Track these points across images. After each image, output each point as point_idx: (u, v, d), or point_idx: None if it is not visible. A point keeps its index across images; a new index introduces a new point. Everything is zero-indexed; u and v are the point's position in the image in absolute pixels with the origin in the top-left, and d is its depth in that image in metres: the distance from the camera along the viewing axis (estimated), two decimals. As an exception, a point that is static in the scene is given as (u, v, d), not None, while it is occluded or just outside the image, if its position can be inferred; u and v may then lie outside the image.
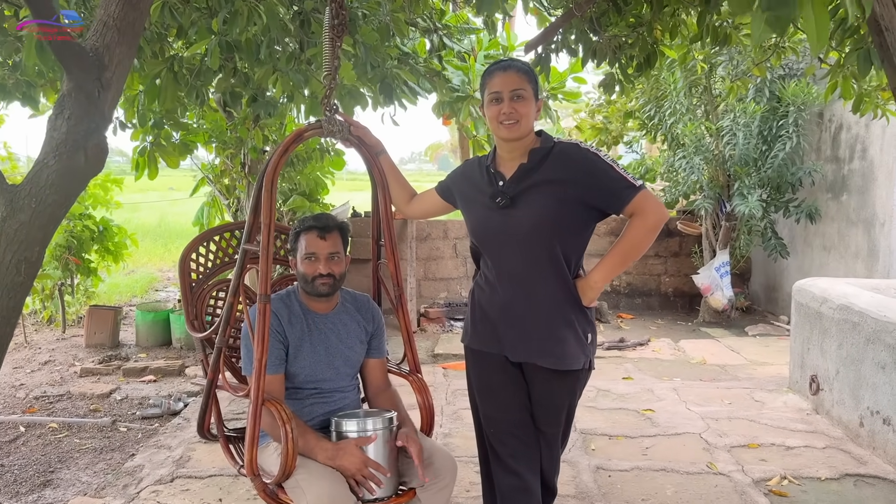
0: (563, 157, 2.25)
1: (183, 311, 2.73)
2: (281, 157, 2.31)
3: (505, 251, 2.29)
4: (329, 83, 2.42)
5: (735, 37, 3.68)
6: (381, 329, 2.59)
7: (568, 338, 2.28)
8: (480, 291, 2.42)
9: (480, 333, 2.40)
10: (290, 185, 8.12)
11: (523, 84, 2.23)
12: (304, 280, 2.39)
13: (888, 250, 5.66)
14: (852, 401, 4.05)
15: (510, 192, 2.27)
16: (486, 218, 2.32)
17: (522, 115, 2.22)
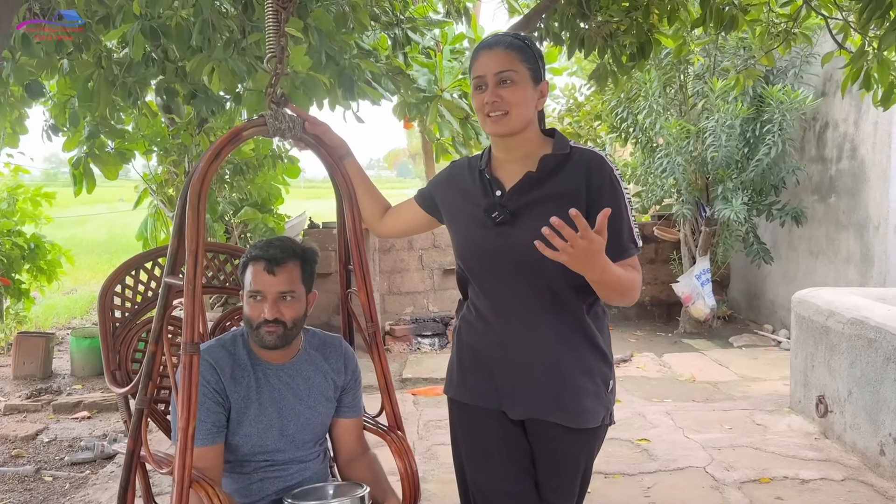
0: (582, 169, 1.76)
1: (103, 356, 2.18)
2: (211, 164, 1.79)
3: (502, 279, 1.80)
4: (274, 68, 1.90)
5: (741, 20, 3.26)
6: (356, 381, 2.07)
7: (585, 388, 1.80)
8: (469, 329, 1.91)
9: (470, 383, 1.90)
10: (240, 194, 7.54)
11: (512, 64, 1.73)
12: (247, 324, 1.87)
13: (884, 255, 5.32)
14: (870, 425, 3.65)
15: (511, 204, 1.77)
16: (477, 236, 1.82)
17: (513, 104, 1.73)
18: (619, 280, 1.65)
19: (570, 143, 1.81)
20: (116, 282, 2.19)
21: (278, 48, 1.89)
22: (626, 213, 1.74)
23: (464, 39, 5.60)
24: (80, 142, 5.23)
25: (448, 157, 7.76)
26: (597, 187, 1.74)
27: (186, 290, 1.73)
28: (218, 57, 2.75)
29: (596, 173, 1.75)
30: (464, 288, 1.96)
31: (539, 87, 1.79)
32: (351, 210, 2.04)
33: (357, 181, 2.04)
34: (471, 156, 2.03)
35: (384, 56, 4.41)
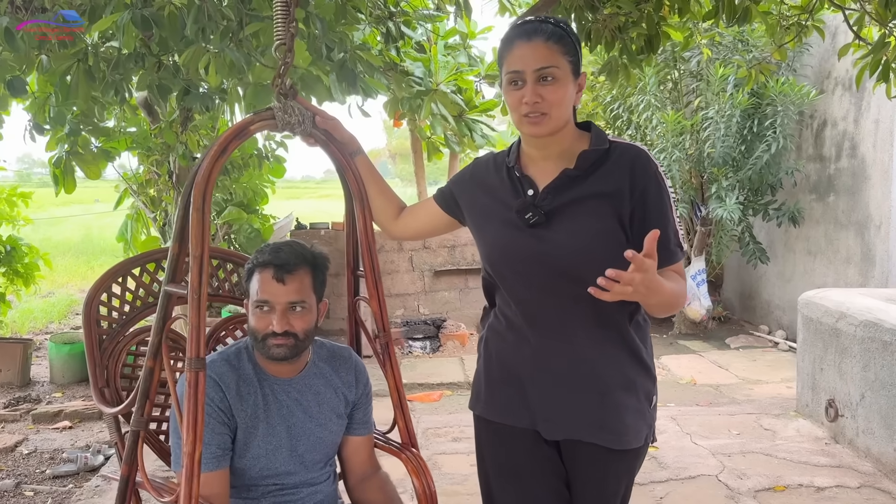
0: (625, 167, 1.59)
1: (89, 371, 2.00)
2: (216, 161, 1.63)
3: (536, 286, 1.63)
4: (283, 56, 1.74)
5: (754, 12, 3.13)
6: (367, 395, 1.91)
7: (628, 405, 1.65)
8: (499, 340, 1.75)
9: (500, 399, 1.73)
10: (223, 194, 7.34)
11: (555, 58, 1.54)
12: (253, 337, 1.71)
13: (886, 255, 5.25)
14: (885, 430, 3.55)
15: (545, 205, 1.61)
16: (508, 240, 1.65)
17: (553, 104, 1.55)
18: (669, 294, 1.51)
19: (609, 138, 1.65)
20: (102, 290, 2.01)
21: (288, 35, 1.73)
22: (671, 216, 1.60)
23: (455, 34, 5.47)
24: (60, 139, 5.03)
25: (439, 157, 7.60)
26: (641, 188, 1.58)
27: (191, 299, 1.57)
28: (214, 48, 2.57)
29: (640, 172, 1.59)
30: (491, 295, 1.80)
31: (578, 81, 1.61)
32: (362, 210, 1.88)
33: (369, 179, 1.88)
34: (496, 151, 1.87)
35: (377, 51, 4.25)
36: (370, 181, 1.88)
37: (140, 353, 2.06)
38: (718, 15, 3.14)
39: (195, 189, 1.59)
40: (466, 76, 4.53)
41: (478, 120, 4.78)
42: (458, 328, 6.55)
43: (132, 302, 2.05)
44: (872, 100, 5.34)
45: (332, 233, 7.02)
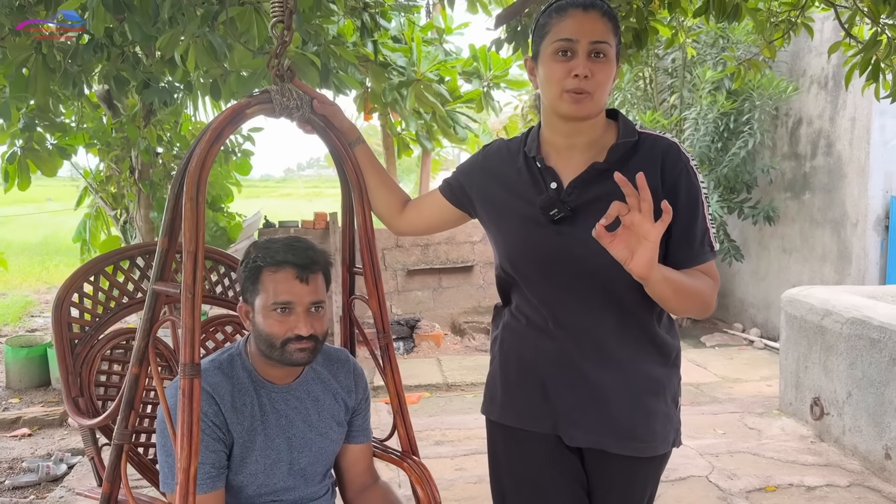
0: (655, 159, 1.48)
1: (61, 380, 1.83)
2: (211, 148, 1.48)
3: (561, 286, 1.51)
4: (281, 34, 1.60)
5: (745, 10, 3.07)
6: (367, 400, 1.78)
7: (657, 411, 1.54)
8: (518, 341, 1.62)
9: (519, 403, 1.61)
10: (188, 192, 7.10)
11: (608, 35, 1.43)
12: (267, 343, 1.54)
13: (863, 252, 5.27)
14: (873, 428, 3.53)
15: (572, 200, 1.49)
16: (530, 237, 1.52)
17: (600, 84, 1.44)
18: (685, 286, 1.41)
19: (637, 129, 1.54)
20: (73, 290, 1.84)
21: (286, 11, 1.59)
22: (702, 212, 1.48)
23: (432, 29, 5.35)
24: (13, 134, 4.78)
25: (409, 153, 7.48)
26: (672, 181, 1.47)
27: (184, 299, 1.41)
28: (193, 32, 2.41)
29: (671, 165, 1.48)
30: (506, 292, 1.68)
31: (617, 69, 1.50)
32: (361, 203, 1.75)
33: (369, 171, 1.75)
34: (507, 138, 1.74)
35: (351, 43, 4.11)
36: (371, 172, 1.74)
37: (115, 358, 1.90)
38: (708, 11, 3.07)
39: (188, 178, 1.44)
40: (449, 65, 4.40)
41: (460, 112, 4.66)
42: (432, 328, 6.43)
43: (106, 303, 1.88)
44: (848, 98, 5.36)
45: (302, 231, 6.85)
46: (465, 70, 5.07)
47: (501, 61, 5.13)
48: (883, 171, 5.18)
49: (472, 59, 5.07)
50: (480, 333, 6.72)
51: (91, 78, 3.88)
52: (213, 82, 3.20)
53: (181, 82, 3.72)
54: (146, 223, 6.21)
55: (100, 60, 3.39)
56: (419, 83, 4.12)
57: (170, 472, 1.49)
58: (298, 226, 6.92)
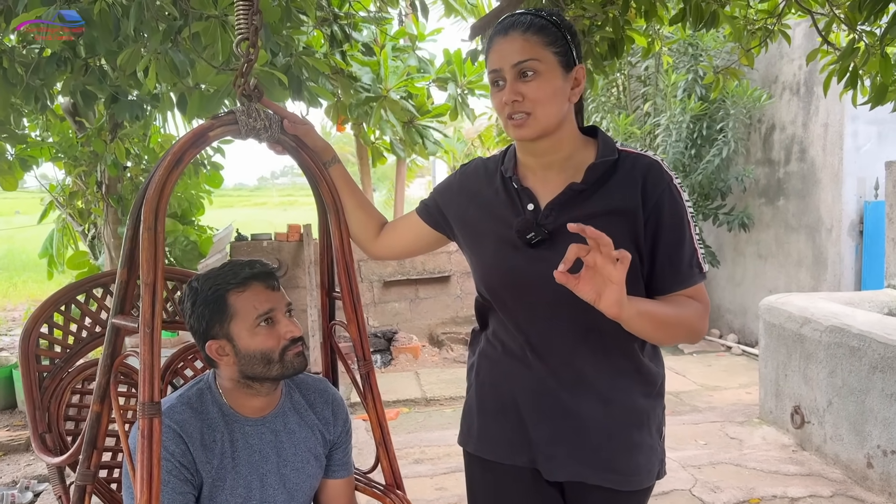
0: (636, 179, 1.41)
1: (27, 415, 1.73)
2: (171, 173, 1.40)
3: (540, 312, 1.45)
4: (247, 52, 1.52)
5: (722, 17, 3.05)
6: (347, 433, 1.71)
7: (640, 443, 1.47)
8: (494, 368, 1.55)
9: (496, 434, 1.54)
10: (158, 205, 6.95)
11: (534, 51, 1.36)
12: (264, 361, 1.48)
13: (838, 257, 5.28)
14: (854, 437, 3.51)
15: (549, 223, 1.42)
16: (506, 261, 1.46)
17: (537, 102, 1.37)
18: (666, 319, 1.33)
19: (617, 147, 1.47)
20: (42, 320, 1.75)
21: (251, 29, 1.52)
22: (689, 232, 1.41)
23: (404, 36, 5.28)
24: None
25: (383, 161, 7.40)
26: (654, 201, 1.39)
27: (142, 333, 1.33)
28: (155, 48, 2.32)
29: (653, 184, 1.40)
30: (483, 317, 1.61)
31: (572, 75, 1.40)
32: (338, 225, 1.68)
33: (346, 192, 1.68)
34: (484, 157, 1.68)
35: (321, 54, 4.04)
36: (347, 193, 1.67)
37: (87, 390, 1.81)
38: (685, 18, 3.05)
39: (146, 205, 1.36)
40: (417, 82, 4.34)
41: (429, 126, 4.59)
42: (410, 340, 6.35)
43: (77, 333, 1.79)
44: (821, 104, 5.38)
45: (276, 244, 6.73)
46: (439, 76, 5.01)
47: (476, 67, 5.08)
48: (856, 176, 5.20)
49: (446, 63, 5.01)
50: (458, 344, 6.65)
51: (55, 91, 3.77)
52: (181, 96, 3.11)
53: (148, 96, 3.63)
54: (115, 238, 6.07)
55: (63, 74, 3.29)
56: (385, 100, 4.05)
57: (132, 519, 1.41)
58: (271, 238, 6.81)
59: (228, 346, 1.49)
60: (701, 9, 3.03)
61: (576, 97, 1.44)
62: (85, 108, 3.79)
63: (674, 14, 3.11)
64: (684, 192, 1.44)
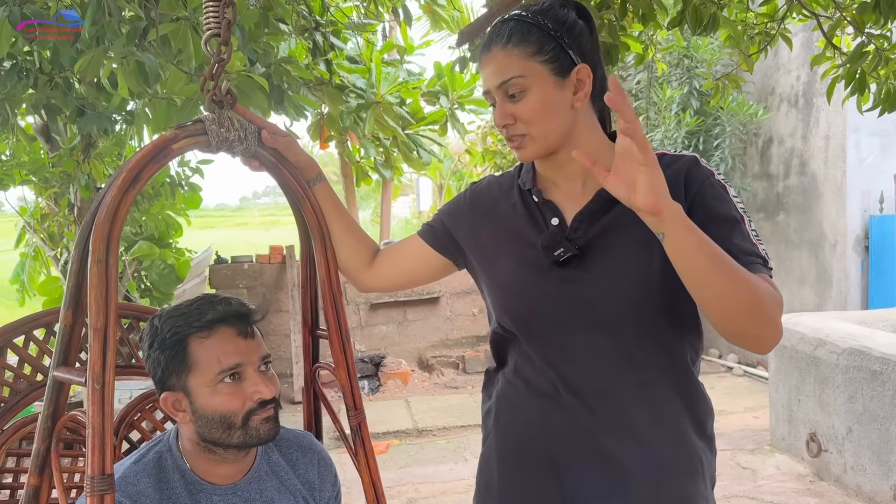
0: (677, 176, 1.21)
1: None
2: (124, 195, 1.16)
3: (572, 341, 1.23)
4: (217, 51, 1.28)
5: (721, 20, 2.86)
6: (337, 498, 1.46)
7: (695, 494, 1.25)
8: (516, 411, 1.32)
9: (522, 488, 1.31)
10: (133, 227, 6.67)
11: (517, 66, 1.19)
12: (224, 426, 1.22)
13: (843, 274, 5.10)
14: (878, 466, 3.30)
15: (579, 237, 1.23)
16: (532, 284, 1.25)
17: (530, 122, 1.20)
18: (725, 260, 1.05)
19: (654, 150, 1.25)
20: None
21: (223, 23, 1.27)
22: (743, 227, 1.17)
23: (392, 48, 5.07)
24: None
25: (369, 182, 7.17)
26: (694, 194, 1.20)
27: (91, 390, 1.09)
28: (118, 52, 2.07)
29: (692, 179, 1.21)
30: (501, 354, 1.38)
31: (571, 79, 1.20)
32: (323, 253, 1.42)
33: (333, 214, 1.43)
34: (497, 174, 1.45)
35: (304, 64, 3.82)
36: (334, 216, 1.42)
37: (26, 452, 1.54)
38: (683, 22, 2.86)
39: (95, 233, 1.12)
40: (410, 86, 4.12)
41: (423, 135, 4.37)
42: (399, 365, 6.08)
43: (14, 383, 1.53)
44: (821, 115, 5.22)
45: (257, 266, 6.46)
46: (429, 90, 4.80)
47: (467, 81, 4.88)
48: (860, 189, 5.02)
49: (436, 77, 4.81)
50: (449, 368, 6.39)
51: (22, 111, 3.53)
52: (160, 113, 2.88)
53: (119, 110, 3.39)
54: (88, 264, 5.79)
55: (26, 87, 3.06)
56: (379, 105, 3.82)
57: None
58: (252, 261, 6.53)
59: (185, 402, 1.24)
60: (700, 12, 2.85)
61: (581, 102, 1.22)
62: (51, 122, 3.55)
63: (671, 17, 2.94)
64: (731, 188, 1.23)
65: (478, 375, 6.15)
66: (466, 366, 6.35)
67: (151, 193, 6.26)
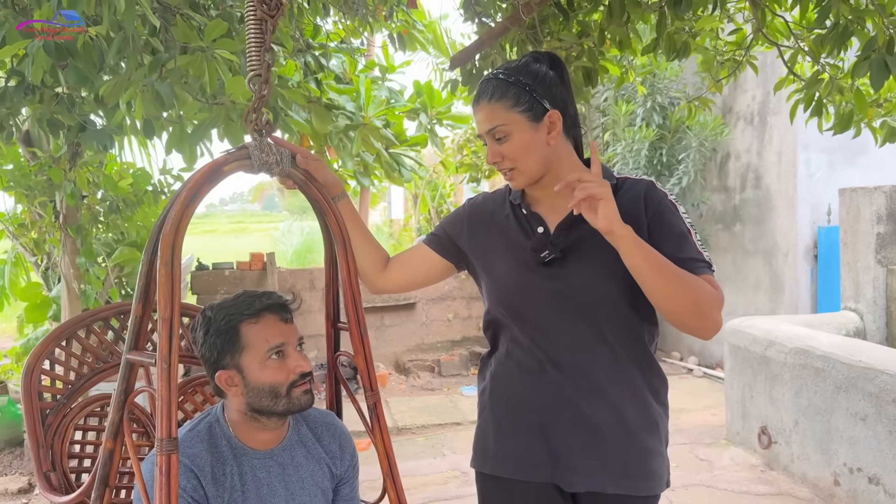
0: (634, 199, 1.56)
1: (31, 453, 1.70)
2: (187, 208, 1.41)
3: (555, 325, 1.55)
4: (259, 89, 1.54)
5: (693, 45, 3.18)
6: (355, 468, 1.72)
7: (653, 449, 1.58)
8: (509, 387, 1.63)
9: (514, 450, 1.60)
10: (115, 234, 6.82)
11: (501, 116, 1.53)
12: (272, 395, 1.49)
13: (794, 281, 5.47)
14: (821, 456, 3.63)
15: (561, 242, 1.55)
16: (523, 278, 1.58)
17: (516, 159, 1.55)
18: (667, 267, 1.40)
19: (615, 175, 1.61)
20: (44, 357, 1.73)
21: (263, 65, 1.54)
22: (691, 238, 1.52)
23: (374, 67, 5.33)
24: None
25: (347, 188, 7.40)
26: (654, 213, 1.54)
27: (160, 369, 1.33)
28: (139, 80, 2.31)
29: (651, 200, 1.55)
30: (495, 339, 1.69)
31: (544, 123, 1.53)
32: (345, 259, 1.68)
33: (353, 227, 1.72)
34: (489, 192, 1.77)
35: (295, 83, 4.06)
36: (354, 227, 1.71)
37: (90, 427, 1.78)
38: (657, 48, 3.17)
39: (163, 241, 1.36)
40: (397, 110, 4.40)
41: (404, 154, 4.65)
42: (377, 369, 6.32)
43: (79, 368, 1.77)
44: (775, 133, 5.60)
45: (238, 273, 6.65)
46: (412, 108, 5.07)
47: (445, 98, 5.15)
48: (809, 203, 5.41)
49: (416, 94, 5.08)
50: (425, 371, 6.64)
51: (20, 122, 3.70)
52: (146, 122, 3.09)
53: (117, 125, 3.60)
54: (73, 269, 5.92)
55: (30, 102, 3.25)
56: (366, 127, 4.09)
57: (147, 558, 1.39)
58: (233, 267, 6.73)
59: (238, 377, 1.49)
60: (673, 39, 3.16)
61: (555, 139, 1.55)
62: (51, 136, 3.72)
63: (646, 44, 3.24)
64: (681, 206, 1.58)
65: (453, 378, 6.42)
66: (442, 369, 6.60)
67: (135, 201, 6.43)
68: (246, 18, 1.54)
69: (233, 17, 2.84)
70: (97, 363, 1.80)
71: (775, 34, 3.20)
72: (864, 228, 4.39)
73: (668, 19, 2.88)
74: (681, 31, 3.13)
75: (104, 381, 1.78)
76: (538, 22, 3.04)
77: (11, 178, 5.84)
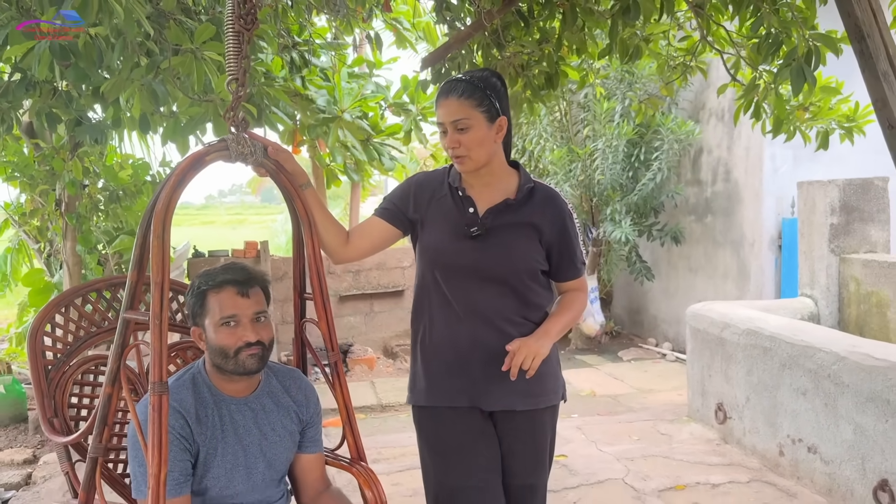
0: (545, 204, 2.04)
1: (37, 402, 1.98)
2: (175, 191, 1.69)
3: (475, 285, 1.99)
4: (236, 90, 1.82)
5: (645, 50, 3.46)
6: (318, 414, 2.01)
7: (546, 372, 2.02)
8: (438, 333, 2.04)
9: (442, 384, 2.03)
10: (115, 223, 7.10)
11: (466, 111, 1.92)
12: (221, 355, 1.76)
13: (759, 270, 5.76)
14: (768, 428, 3.92)
15: (487, 223, 1.97)
16: (454, 246, 2.00)
17: (470, 147, 1.93)
18: (567, 324, 2.04)
19: (531, 178, 2.06)
20: (46, 321, 2.01)
21: (240, 70, 1.82)
22: (578, 241, 2.04)
23: (363, 63, 5.60)
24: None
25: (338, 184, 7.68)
26: (560, 223, 2.02)
27: (153, 325, 1.62)
28: (138, 79, 2.59)
29: (558, 209, 2.03)
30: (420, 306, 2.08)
31: (496, 124, 1.96)
32: (310, 236, 1.98)
33: (316, 210, 2.01)
34: (430, 171, 2.15)
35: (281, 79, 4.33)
36: (318, 210, 2.00)
37: (85, 382, 2.07)
38: (612, 52, 3.44)
39: (155, 218, 1.65)
40: (370, 101, 4.72)
41: (385, 144, 4.94)
42: (365, 352, 6.62)
43: (76, 332, 2.06)
44: (743, 129, 5.87)
45: (233, 260, 6.93)
46: (395, 102, 5.34)
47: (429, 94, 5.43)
48: (774, 195, 5.69)
49: (402, 90, 5.35)
50: (411, 356, 6.93)
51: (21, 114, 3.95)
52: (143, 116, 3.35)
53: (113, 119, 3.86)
54: (74, 255, 6.20)
55: (30, 96, 3.51)
56: (341, 119, 4.40)
57: (142, 480, 1.67)
58: (229, 255, 7.01)
59: (203, 335, 1.78)
60: (626, 44, 3.44)
61: (499, 140, 1.99)
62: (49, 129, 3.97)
63: (602, 49, 3.51)
64: (574, 212, 2.07)
65: (437, 362, 6.72)
66: (427, 353, 6.90)
67: (134, 191, 6.70)
68: (225, 31, 1.82)
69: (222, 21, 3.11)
70: (91, 328, 2.09)
71: (721, 42, 3.48)
72: (818, 220, 4.68)
73: (620, 26, 3.16)
74: (633, 36, 3.40)
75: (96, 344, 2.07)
76: (501, 28, 3.31)
77: (15, 169, 6.07)
